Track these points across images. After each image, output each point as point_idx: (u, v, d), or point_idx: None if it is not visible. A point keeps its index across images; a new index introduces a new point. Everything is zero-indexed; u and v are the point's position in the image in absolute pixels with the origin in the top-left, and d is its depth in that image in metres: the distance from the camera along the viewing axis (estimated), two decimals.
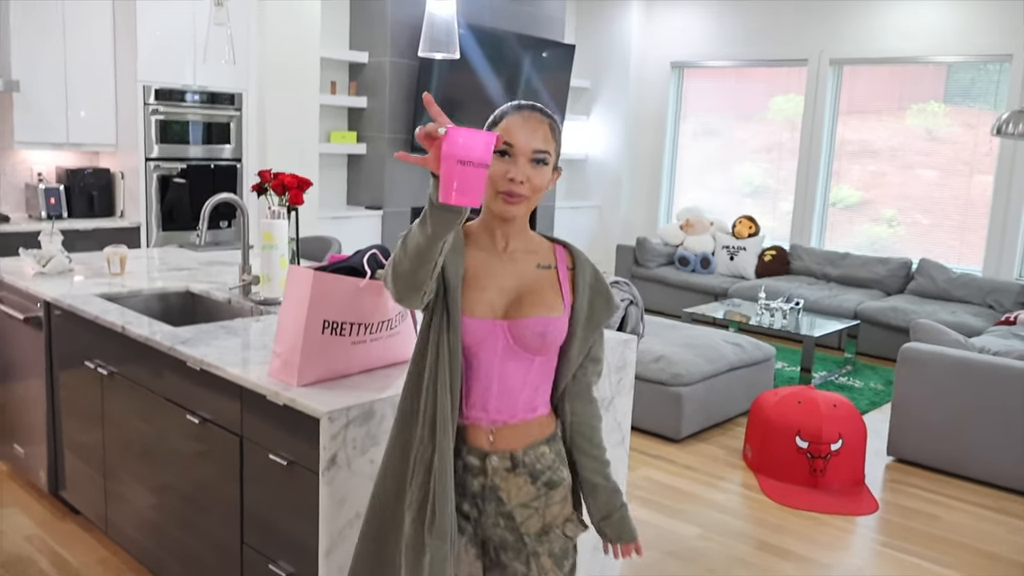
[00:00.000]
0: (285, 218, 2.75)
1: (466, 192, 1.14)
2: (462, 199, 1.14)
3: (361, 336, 1.95)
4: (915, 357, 3.91)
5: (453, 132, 1.13)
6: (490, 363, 1.42)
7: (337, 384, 1.92)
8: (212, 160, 5.28)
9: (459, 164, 1.13)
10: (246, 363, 2.05)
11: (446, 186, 1.14)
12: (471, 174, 1.13)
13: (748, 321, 5.44)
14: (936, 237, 6.65)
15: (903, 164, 6.78)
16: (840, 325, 5.44)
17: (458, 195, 1.14)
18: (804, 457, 3.65)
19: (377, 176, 6.41)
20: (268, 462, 1.95)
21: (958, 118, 6.51)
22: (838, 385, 5.23)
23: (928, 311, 5.76)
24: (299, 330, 1.87)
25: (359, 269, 1.94)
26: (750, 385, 4.51)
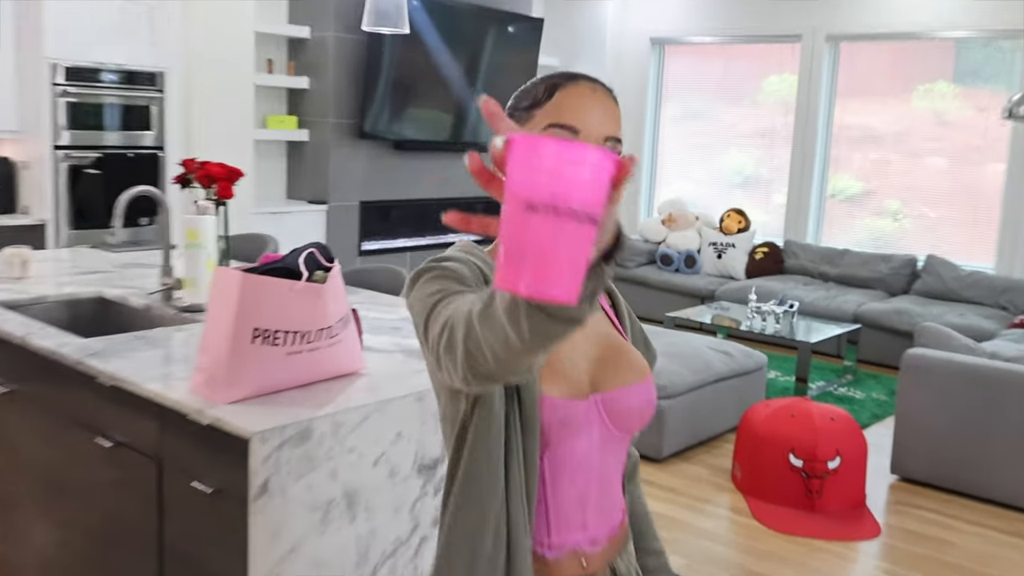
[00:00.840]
0: (212, 214, 2.73)
1: (551, 273, 0.70)
2: (543, 287, 0.71)
3: (297, 346, 1.95)
4: (920, 364, 3.98)
5: (523, 144, 0.70)
6: (587, 460, 1.18)
7: (270, 400, 1.91)
8: (130, 148, 5.22)
9: (531, 211, 0.69)
10: (166, 378, 2.03)
11: (510, 261, 0.71)
12: (563, 233, 0.70)
13: (738, 326, 5.49)
14: (944, 232, 6.78)
15: (908, 151, 6.90)
16: (839, 330, 5.52)
17: (533, 279, 0.70)
18: (799, 477, 3.69)
19: (321, 166, 6.38)
20: (190, 490, 1.94)
21: (969, 100, 6.63)
22: (837, 396, 5.30)
23: (935, 313, 5.86)
24: (226, 340, 1.86)
25: (295, 270, 1.94)
26: (740, 397, 4.56)
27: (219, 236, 2.90)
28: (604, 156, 0.69)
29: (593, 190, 0.69)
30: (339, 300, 2.02)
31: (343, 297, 2.04)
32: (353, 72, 6.34)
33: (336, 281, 2.00)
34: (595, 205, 0.70)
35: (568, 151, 0.68)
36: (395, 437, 2.01)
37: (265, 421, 1.79)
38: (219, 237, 2.90)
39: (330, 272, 1.98)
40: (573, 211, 0.69)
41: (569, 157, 0.68)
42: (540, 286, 0.70)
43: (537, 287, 0.70)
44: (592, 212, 0.69)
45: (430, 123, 6.76)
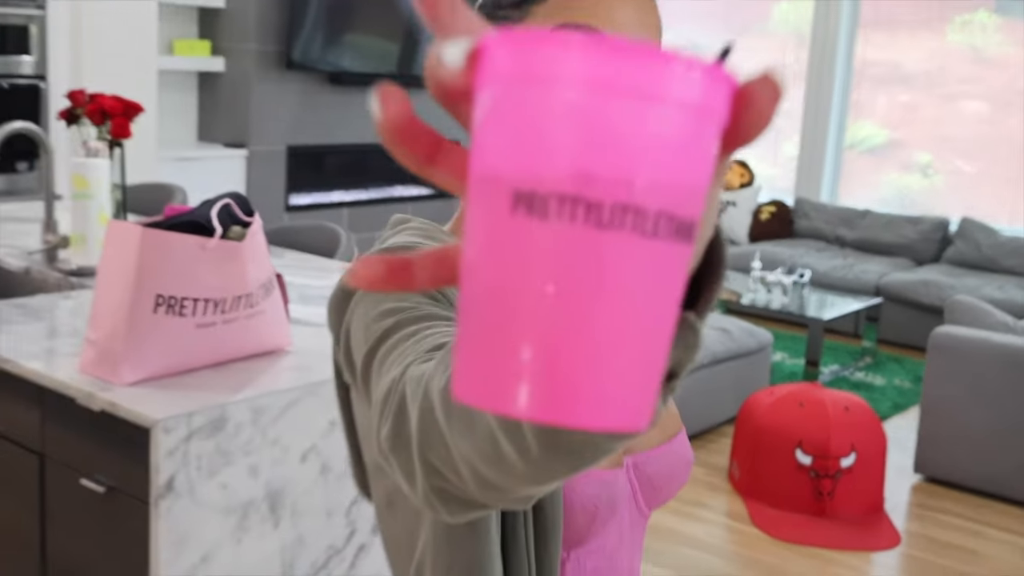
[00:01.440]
0: (106, 157, 2.71)
1: (590, 373, 0.38)
2: (571, 404, 0.38)
3: (209, 316, 1.94)
4: (950, 345, 4.05)
5: (514, 52, 0.38)
6: (618, 556, 1.03)
7: (176, 382, 1.90)
8: (5, 77, 5.14)
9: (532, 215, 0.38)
10: (50, 355, 2.02)
11: (486, 339, 0.39)
12: (615, 266, 0.38)
13: (738, 299, 5.54)
14: (982, 190, 6.88)
15: (942, 94, 6.98)
16: (857, 305, 5.59)
17: (548, 387, 0.38)
18: (807, 477, 3.75)
19: (239, 103, 6.32)
20: (80, 489, 1.93)
21: (1013, 34, 6.71)
22: (853, 383, 5.38)
23: (969, 286, 5.96)
24: (122, 309, 1.85)
25: (206, 225, 1.93)
26: (739, 383, 4.61)
27: (114, 184, 2.87)
28: (711, 74, 0.39)
29: (687, 156, 0.39)
30: (260, 262, 2.01)
31: (266, 259, 2.04)
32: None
33: (257, 240, 1.99)
34: (690, 194, 0.39)
35: (629, 61, 0.37)
36: (328, 427, 2.02)
37: (170, 407, 1.79)
38: (114, 186, 2.87)
39: (249, 228, 1.97)
40: (636, 209, 0.37)
41: (630, 77, 0.37)
42: (565, 395, 0.38)
43: (559, 403, 0.38)
44: (684, 211, 0.39)
45: (373, 52, 6.71)
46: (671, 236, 0.39)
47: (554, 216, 0.37)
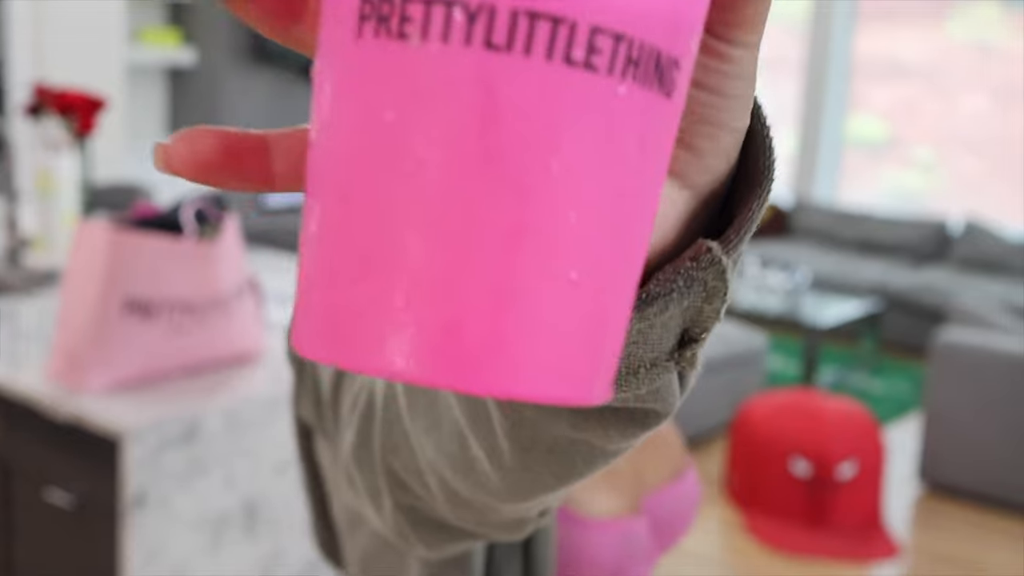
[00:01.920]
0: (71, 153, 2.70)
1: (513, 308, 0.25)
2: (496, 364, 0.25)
3: (180, 320, 1.94)
4: (953, 350, 4.08)
5: None
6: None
7: (147, 389, 1.90)
8: None
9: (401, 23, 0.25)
10: (13, 362, 2.02)
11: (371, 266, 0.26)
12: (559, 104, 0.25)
13: (733, 302, 5.55)
14: (988, 189, 6.92)
15: (944, 89, 7.02)
16: (856, 308, 5.62)
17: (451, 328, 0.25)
18: (804, 486, 3.77)
19: (210, 95, 6.31)
20: (46, 503, 1.93)
21: (1018, 25, 6.75)
22: (854, 390, 5.40)
23: (973, 288, 6.00)
24: (90, 312, 1.85)
25: (177, 224, 1.93)
26: (734, 390, 4.63)
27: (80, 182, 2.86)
28: None
29: None
30: (234, 264, 2.02)
31: (240, 260, 2.04)
32: None
33: (231, 240, 2.00)
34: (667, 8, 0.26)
35: None
36: None
37: (141, 416, 1.79)
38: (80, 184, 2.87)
39: (223, 228, 1.98)
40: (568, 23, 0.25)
41: None
42: (461, 349, 0.25)
43: (453, 354, 0.25)
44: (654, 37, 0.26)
45: None
46: (623, 72, 0.25)
47: (416, 33, 0.25)
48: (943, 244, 6.74)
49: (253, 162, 0.33)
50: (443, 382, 0.25)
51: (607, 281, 0.27)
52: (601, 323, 0.27)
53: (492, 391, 0.25)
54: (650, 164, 0.27)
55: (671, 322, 0.35)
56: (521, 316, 0.25)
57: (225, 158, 0.32)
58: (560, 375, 0.26)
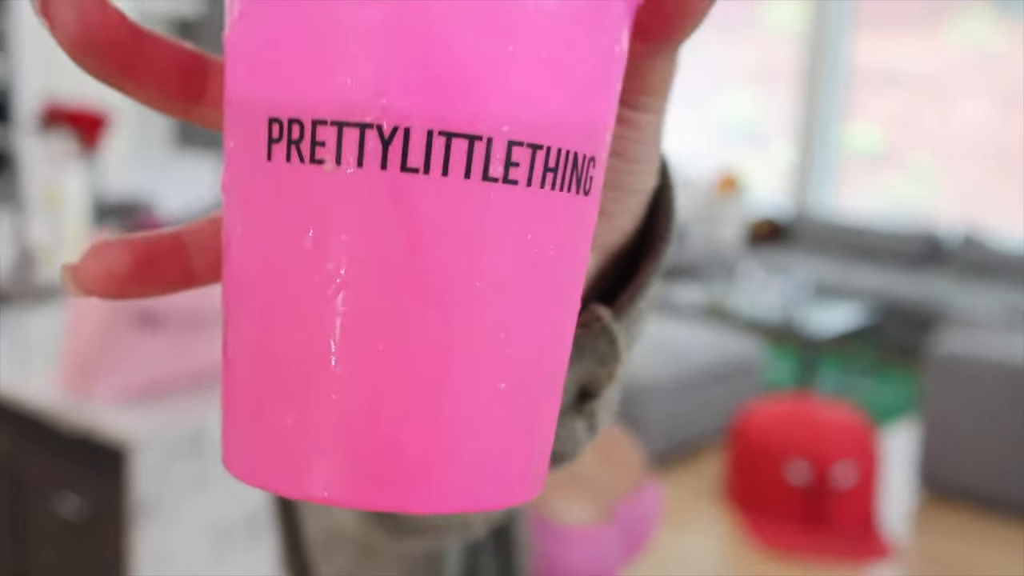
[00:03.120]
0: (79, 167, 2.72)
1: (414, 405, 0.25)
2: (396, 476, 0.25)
3: (186, 331, 1.95)
4: (950, 356, 4.09)
5: None
6: None
7: (155, 398, 1.91)
8: None
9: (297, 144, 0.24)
10: (23, 373, 2.03)
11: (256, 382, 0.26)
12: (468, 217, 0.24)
13: (731, 310, 5.56)
14: (988, 197, 6.92)
15: (943, 97, 7.02)
16: (854, 315, 5.62)
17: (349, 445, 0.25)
18: (802, 490, 3.78)
19: None
20: (56, 512, 1.94)
21: (1016, 33, 6.75)
22: (851, 394, 5.40)
23: (971, 296, 6.00)
24: (99, 322, 1.86)
25: None
26: (732, 396, 4.63)
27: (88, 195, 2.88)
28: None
29: (574, 50, 0.25)
30: None
31: None
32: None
33: None
34: (583, 116, 0.26)
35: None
36: None
37: (150, 425, 1.79)
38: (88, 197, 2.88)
39: None
40: (484, 140, 0.24)
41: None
42: (380, 474, 0.25)
43: (370, 478, 0.25)
44: (573, 143, 0.25)
45: None
46: (542, 182, 0.25)
47: (331, 158, 0.24)
48: (941, 252, 6.75)
49: (169, 265, 0.31)
50: (380, 504, 0.24)
51: (536, 382, 0.26)
52: (532, 423, 0.27)
53: (430, 508, 0.25)
54: (571, 262, 0.27)
55: (568, 384, 0.36)
56: (453, 432, 0.25)
57: (139, 268, 0.30)
58: (495, 481, 0.26)
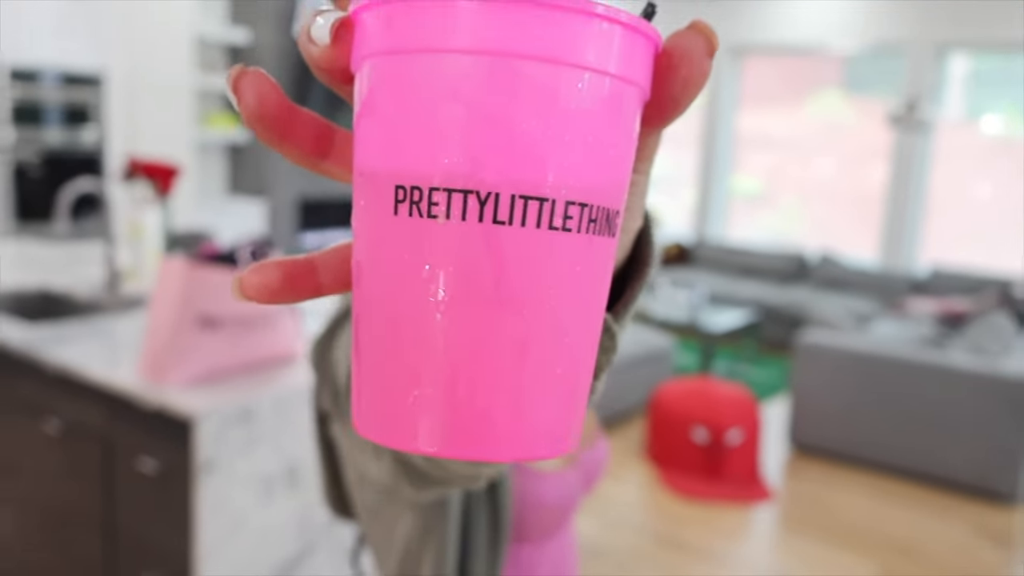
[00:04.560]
0: (155, 208, 2.69)
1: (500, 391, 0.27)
2: (478, 434, 0.28)
3: (239, 331, 1.94)
4: (811, 346, 4.13)
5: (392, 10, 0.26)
6: (573, 544, 0.93)
7: (213, 383, 1.89)
8: (73, 146, 5.07)
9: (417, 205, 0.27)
10: (112, 364, 2.00)
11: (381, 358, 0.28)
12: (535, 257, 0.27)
13: (650, 314, 5.59)
14: (833, 228, 7.01)
15: (802, 154, 7.11)
16: (740, 316, 5.67)
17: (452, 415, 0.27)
18: (702, 448, 3.80)
19: (261, 163, 6.29)
20: (137, 470, 1.91)
21: (856, 108, 6.87)
22: (738, 376, 5.45)
23: (824, 301, 6.07)
24: (170, 325, 1.84)
25: (236, 259, 1.93)
26: (650, 378, 4.66)
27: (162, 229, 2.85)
28: (631, 31, 0.27)
29: (604, 135, 0.27)
30: None
31: None
32: (291, 73, 6.26)
33: None
34: (610, 180, 0.28)
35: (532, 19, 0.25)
36: None
37: (209, 402, 1.78)
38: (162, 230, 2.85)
39: None
40: (547, 202, 0.27)
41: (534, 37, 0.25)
42: (474, 434, 0.28)
43: (468, 437, 0.28)
44: (604, 200, 0.28)
45: None
46: (587, 230, 0.27)
47: (442, 214, 0.26)
48: (803, 269, 6.82)
49: (305, 281, 0.33)
50: (474, 455, 0.27)
51: (580, 369, 0.29)
52: (576, 398, 0.30)
53: (508, 459, 0.28)
54: (603, 283, 0.29)
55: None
56: (527, 404, 0.27)
57: (285, 283, 0.32)
58: (548, 440, 0.29)
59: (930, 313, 5.47)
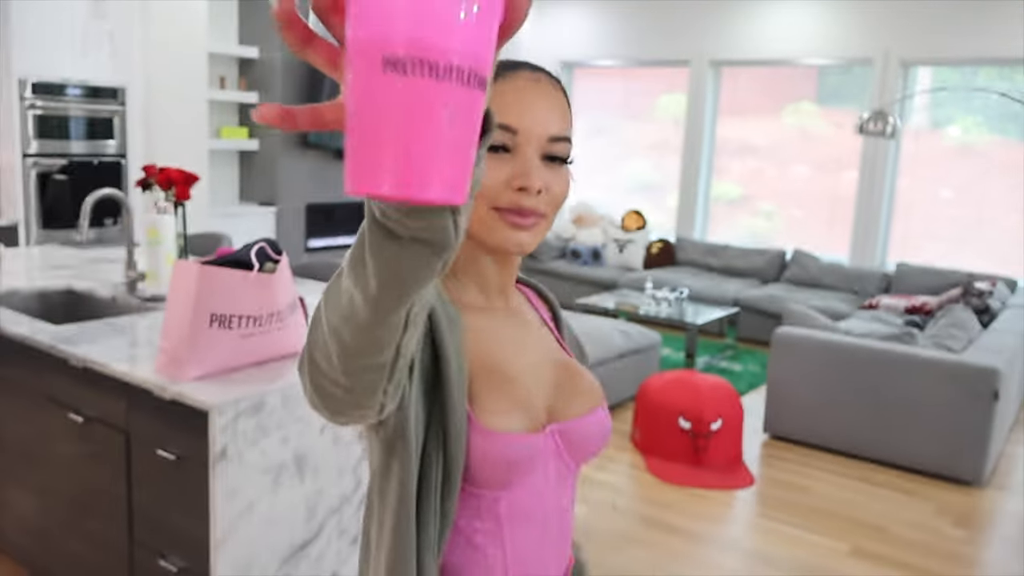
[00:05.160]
0: (171, 213, 2.70)
1: (430, 160, 0.45)
2: (418, 181, 0.45)
3: (250, 329, 1.94)
4: (786, 340, 4.14)
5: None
6: (543, 499, 0.91)
7: (226, 377, 1.90)
8: (95, 156, 5.07)
9: (392, 70, 0.44)
10: (132, 359, 2.01)
11: (365, 149, 0.46)
12: (443, 101, 0.45)
13: (636, 311, 5.61)
14: (808, 229, 7.03)
15: (779, 161, 7.13)
16: (721, 313, 5.69)
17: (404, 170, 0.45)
18: (687, 437, 3.81)
19: (270, 172, 6.29)
20: (156, 458, 1.92)
21: (828, 118, 6.89)
22: (720, 369, 5.46)
23: (801, 298, 6.08)
24: (186, 324, 1.85)
25: (247, 262, 1.93)
26: (638, 371, 4.67)
27: (178, 234, 2.86)
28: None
29: (479, 36, 0.46)
30: (287, 289, 2.02)
31: (291, 286, 2.05)
32: (298, 87, 6.26)
33: (284, 272, 2.00)
34: (484, 59, 0.46)
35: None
36: None
37: (223, 395, 1.79)
38: (178, 235, 2.86)
39: (279, 264, 1.98)
40: (455, 67, 0.45)
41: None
42: (414, 179, 0.45)
43: (409, 181, 0.45)
44: (481, 69, 0.46)
45: None
46: (477, 85, 0.46)
47: (410, 72, 0.44)
48: (780, 268, 6.84)
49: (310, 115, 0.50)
50: (416, 197, 0.45)
51: (467, 156, 0.47)
52: (466, 168, 0.47)
53: (434, 199, 0.46)
54: (479, 114, 0.48)
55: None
56: (445, 161, 0.46)
57: (292, 114, 0.49)
58: (454, 187, 0.47)
59: (899, 308, 5.49)
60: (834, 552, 3.09)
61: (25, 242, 4.82)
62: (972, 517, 3.46)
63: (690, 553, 3.01)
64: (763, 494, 3.59)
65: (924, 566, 3.02)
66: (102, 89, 5.05)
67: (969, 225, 6.32)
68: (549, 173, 0.85)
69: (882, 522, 3.37)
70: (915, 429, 3.86)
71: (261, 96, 6.20)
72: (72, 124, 4.94)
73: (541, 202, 0.84)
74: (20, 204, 4.78)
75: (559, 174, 0.86)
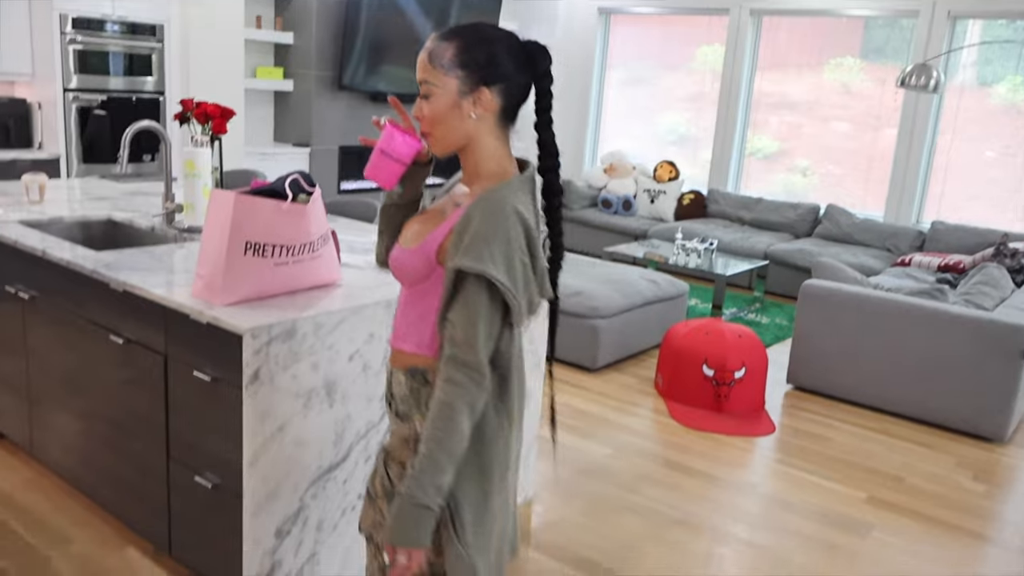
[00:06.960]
0: (208, 147, 2.73)
1: (376, 173, 1.37)
2: (377, 179, 1.38)
3: (283, 258, 1.99)
4: (815, 293, 4.12)
5: (388, 128, 1.36)
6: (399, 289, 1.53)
7: (260, 304, 1.95)
8: (134, 92, 5.12)
9: (382, 152, 1.35)
10: (170, 285, 2.06)
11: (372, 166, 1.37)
12: (388, 161, 1.36)
13: (665, 261, 5.60)
14: (845, 185, 6.92)
15: (818, 117, 7.00)
16: (750, 265, 5.66)
17: (375, 175, 1.37)
18: (710, 384, 3.84)
19: (304, 113, 6.31)
20: (192, 379, 1.99)
21: (871, 73, 6.72)
22: (747, 321, 5.45)
23: (832, 253, 6.02)
24: (221, 251, 1.89)
25: (282, 193, 1.97)
26: (664, 319, 4.68)
27: (213, 168, 2.90)
28: (412, 141, 1.36)
29: (402, 152, 1.36)
30: (320, 220, 2.05)
31: (323, 218, 2.08)
32: (334, 29, 6.24)
33: (317, 204, 2.03)
34: (403, 156, 1.37)
35: (398, 134, 1.35)
36: (368, 337, 2.07)
37: (256, 320, 1.84)
38: (213, 169, 2.90)
39: (312, 196, 2.01)
40: (390, 156, 1.36)
41: (397, 135, 1.35)
42: (377, 178, 1.38)
43: (375, 178, 1.39)
44: (401, 158, 1.37)
45: (401, 78, 6.70)
46: (398, 162, 1.37)
47: (384, 153, 1.39)
48: (813, 223, 6.76)
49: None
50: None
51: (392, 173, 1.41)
52: (391, 176, 1.40)
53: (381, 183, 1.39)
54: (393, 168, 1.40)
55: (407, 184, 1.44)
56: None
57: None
58: (387, 183, 1.39)
59: (932, 266, 5.42)
60: (851, 499, 3.12)
61: (66, 175, 4.91)
62: (992, 472, 3.46)
63: (708, 495, 3.06)
64: (783, 442, 3.62)
65: (940, 516, 3.04)
66: (140, 25, 5.07)
67: (1011, 187, 6.18)
68: (424, 103, 1.34)
69: (901, 473, 3.39)
70: (940, 385, 3.84)
71: (297, 37, 6.19)
72: (111, 60, 4.99)
73: (424, 124, 1.35)
74: (61, 138, 4.85)
75: (429, 103, 1.33)
